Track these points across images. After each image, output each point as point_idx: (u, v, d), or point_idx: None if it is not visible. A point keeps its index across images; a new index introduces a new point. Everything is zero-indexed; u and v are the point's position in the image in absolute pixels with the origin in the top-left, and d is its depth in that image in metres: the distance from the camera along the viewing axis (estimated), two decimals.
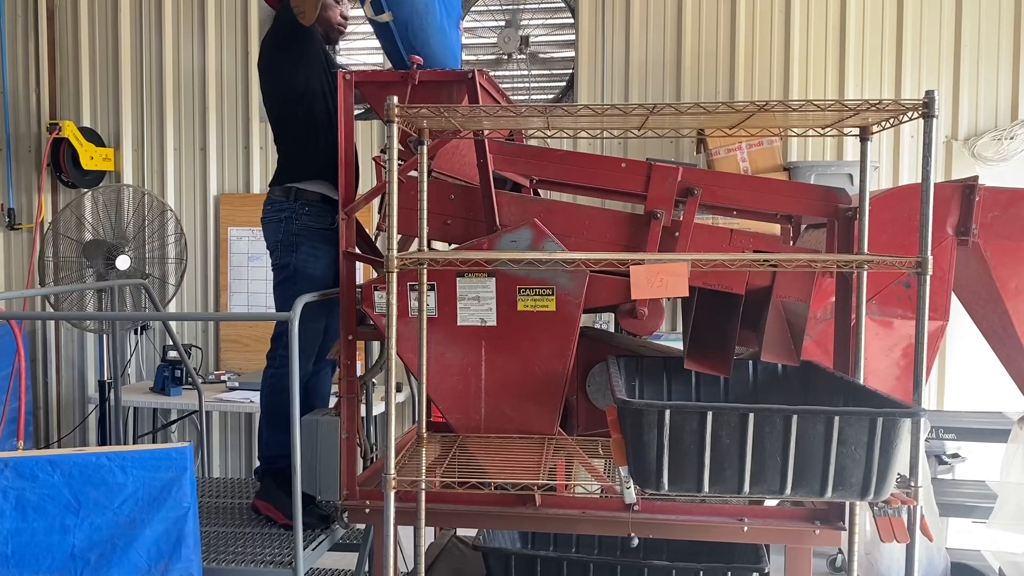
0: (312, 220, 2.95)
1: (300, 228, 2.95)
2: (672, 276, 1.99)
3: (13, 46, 5.58)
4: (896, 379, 2.50)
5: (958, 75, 4.69)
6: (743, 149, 4.45)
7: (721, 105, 2.04)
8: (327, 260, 2.94)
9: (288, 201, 2.96)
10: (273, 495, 2.97)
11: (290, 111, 3.00)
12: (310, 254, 2.94)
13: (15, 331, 3.36)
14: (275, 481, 2.99)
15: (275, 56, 3.01)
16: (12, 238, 5.63)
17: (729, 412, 1.87)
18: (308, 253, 2.94)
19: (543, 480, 2.17)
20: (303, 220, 2.94)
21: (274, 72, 3.03)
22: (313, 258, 2.94)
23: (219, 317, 5.61)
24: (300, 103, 2.96)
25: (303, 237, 2.95)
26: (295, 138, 3.01)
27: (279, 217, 2.97)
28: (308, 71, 2.96)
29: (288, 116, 3.02)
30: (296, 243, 2.95)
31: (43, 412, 5.67)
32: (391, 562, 2.16)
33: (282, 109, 3.04)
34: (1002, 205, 2.44)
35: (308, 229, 2.94)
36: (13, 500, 2.21)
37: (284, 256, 2.96)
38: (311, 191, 2.96)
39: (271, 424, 3.03)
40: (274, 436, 3.01)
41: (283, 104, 3.03)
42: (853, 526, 2.27)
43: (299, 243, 2.95)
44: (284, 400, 2.98)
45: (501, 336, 2.44)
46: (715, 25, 4.92)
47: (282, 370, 2.96)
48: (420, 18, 2.71)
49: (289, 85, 2.98)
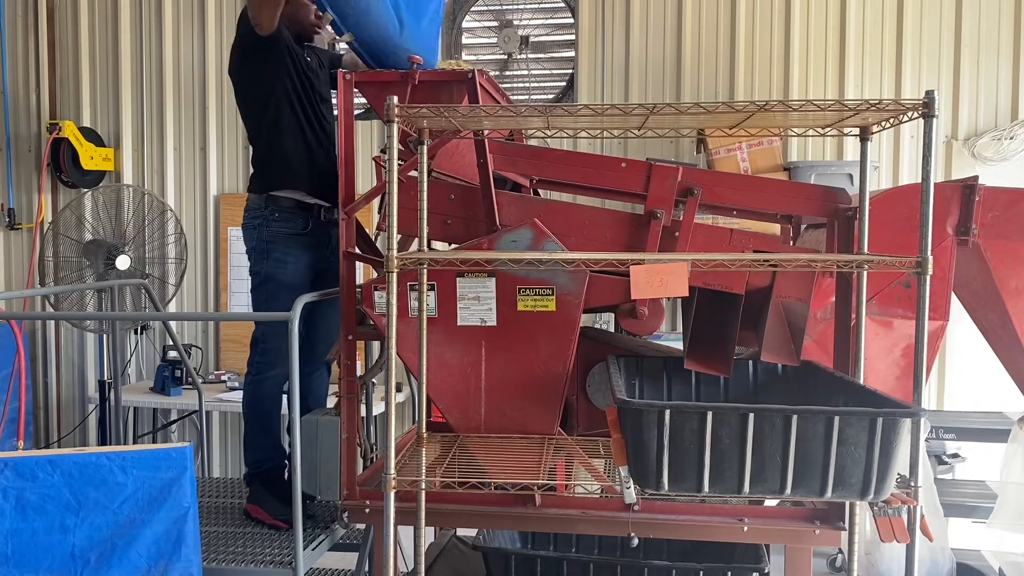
0: (283, 226, 2.96)
1: (271, 235, 2.97)
2: (672, 276, 1.99)
3: (13, 46, 5.58)
4: (896, 379, 2.50)
5: (958, 75, 4.69)
6: (743, 149, 4.45)
7: (721, 105, 2.03)
8: (298, 266, 2.97)
9: (261, 208, 2.99)
10: (262, 498, 3.00)
11: (259, 117, 2.99)
12: (280, 260, 2.97)
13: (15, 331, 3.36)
14: (263, 484, 3.02)
15: (239, 63, 2.99)
16: (12, 238, 5.63)
17: (729, 412, 1.87)
18: (278, 260, 2.97)
19: (543, 480, 2.17)
20: (273, 227, 2.96)
21: (240, 79, 3.03)
22: (283, 264, 2.97)
23: (219, 317, 5.60)
24: (267, 109, 2.95)
25: (274, 244, 2.97)
26: (266, 144, 3.01)
27: (253, 224, 3.00)
28: (274, 76, 2.92)
29: (258, 122, 3.01)
30: (267, 250, 2.98)
31: (43, 412, 5.67)
32: (391, 562, 2.16)
33: (251, 115, 3.04)
34: (1002, 205, 2.44)
35: (279, 235, 2.96)
36: (13, 500, 2.21)
37: (257, 263, 3.00)
38: (284, 197, 2.97)
39: (255, 429, 3.07)
40: (258, 440, 3.06)
41: (251, 110, 3.03)
42: (853, 526, 2.27)
43: (270, 250, 2.98)
44: (266, 405, 3.04)
45: (501, 336, 2.44)
46: (715, 25, 4.92)
47: (260, 376, 3.01)
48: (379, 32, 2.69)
49: (255, 91, 2.98)
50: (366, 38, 2.67)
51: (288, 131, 2.96)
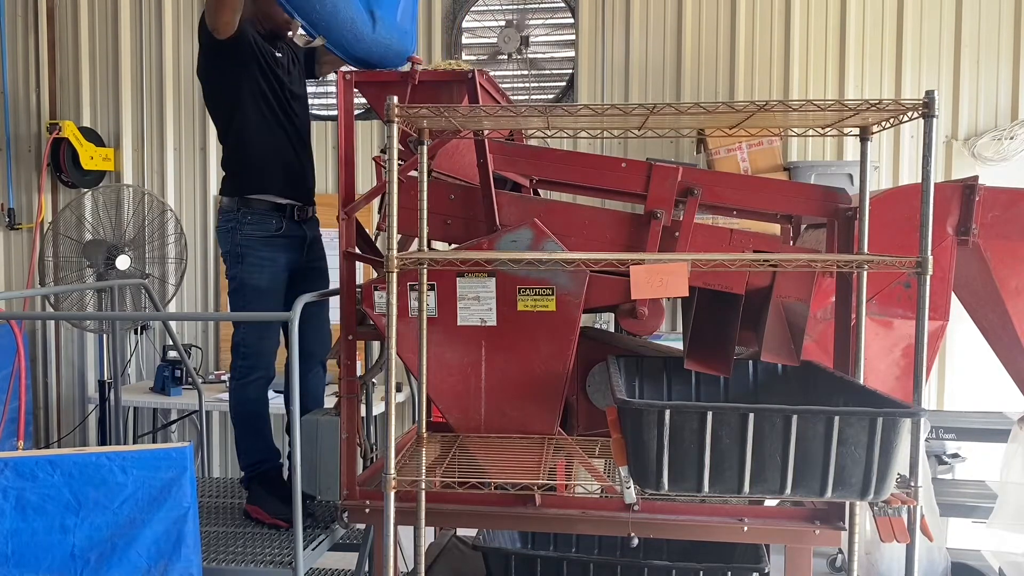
0: (256, 229, 2.96)
1: (243, 239, 2.98)
2: (672, 276, 1.99)
3: (13, 46, 5.58)
4: (896, 379, 2.50)
5: (958, 75, 4.70)
6: (743, 149, 4.45)
7: (721, 105, 2.03)
8: (274, 269, 2.98)
9: (234, 211, 2.99)
10: (260, 498, 3.00)
11: (227, 119, 2.99)
12: (254, 265, 2.98)
13: (15, 331, 3.36)
14: (261, 485, 3.02)
15: (205, 66, 2.98)
16: (12, 238, 5.64)
17: (729, 412, 1.87)
18: (252, 264, 2.98)
19: (543, 480, 2.17)
20: (247, 230, 2.97)
21: (207, 81, 3.02)
22: (257, 268, 2.98)
23: (219, 317, 5.60)
24: (235, 110, 2.94)
25: (247, 248, 2.98)
26: (235, 145, 3.01)
27: (227, 227, 3.01)
28: (240, 78, 2.90)
29: (226, 124, 3.01)
30: (242, 254, 2.99)
31: (43, 412, 5.67)
32: (391, 562, 2.16)
33: (219, 117, 3.04)
34: (1002, 205, 2.44)
35: (252, 239, 2.97)
36: (13, 500, 2.21)
37: (232, 267, 3.01)
38: (256, 200, 2.98)
39: (246, 432, 3.07)
40: (251, 443, 3.06)
41: (219, 112, 3.03)
42: (853, 526, 2.27)
43: (244, 254, 2.98)
44: (254, 407, 3.04)
45: (501, 336, 2.44)
46: (715, 25, 4.92)
47: (244, 380, 3.02)
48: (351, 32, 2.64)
49: (222, 93, 2.97)
50: (338, 39, 2.62)
51: (257, 132, 2.96)
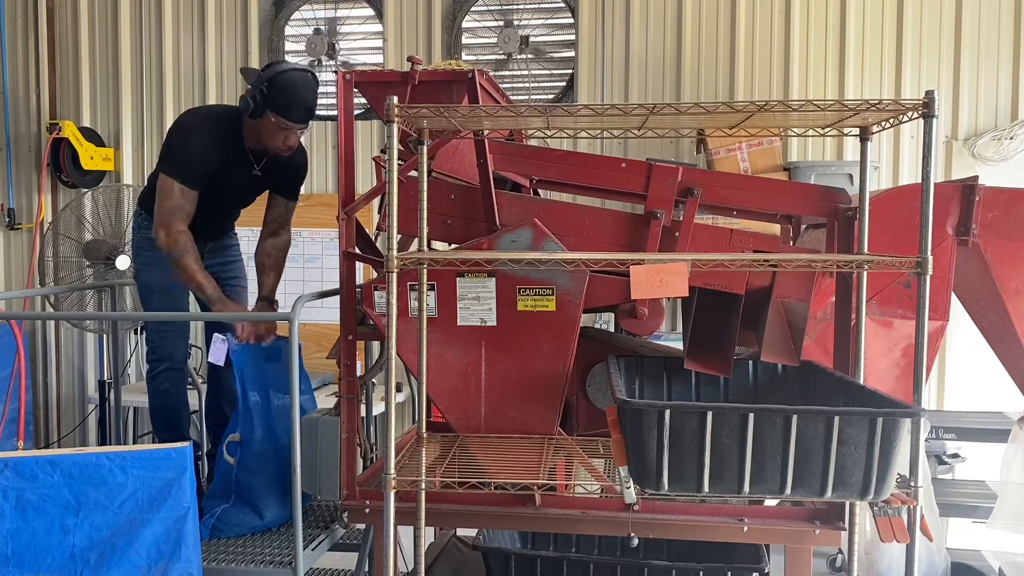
0: (149, 232, 3.02)
1: (140, 240, 3.15)
2: (672, 276, 1.99)
3: (13, 46, 5.58)
4: (896, 379, 2.50)
5: (958, 75, 4.69)
6: (743, 149, 4.44)
7: (721, 105, 2.03)
8: (164, 267, 3.01)
9: (139, 213, 3.16)
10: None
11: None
12: (144, 263, 3.13)
13: (15, 331, 3.35)
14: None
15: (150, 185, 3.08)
16: (12, 238, 5.63)
17: (729, 412, 1.87)
18: (143, 262, 3.14)
19: (543, 480, 2.17)
20: (142, 232, 3.11)
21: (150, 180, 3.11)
22: (147, 267, 3.12)
23: (219, 317, 5.57)
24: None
25: (140, 248, 3.16)
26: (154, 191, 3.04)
27: (133, 227, 3.20)
28: None
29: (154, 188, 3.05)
30: (136, 254, 3.20)
31: (43, 412, 5.67)
32: (391, 562, 2.16)
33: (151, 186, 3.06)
34: (1002, 205, 2.44)
35: (146, 240, 3.06)
36: (13, 500, 2.21)
37: (134, 266, 3.22)
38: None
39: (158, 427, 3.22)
40: (164, 438, 3.14)
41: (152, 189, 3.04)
42: (853, 526, 2.27)
43: (137, 254, 3.19)
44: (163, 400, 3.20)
45: (501, 336, 2.44)
46: (715, 25, 4.92)
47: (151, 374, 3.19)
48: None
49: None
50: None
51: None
